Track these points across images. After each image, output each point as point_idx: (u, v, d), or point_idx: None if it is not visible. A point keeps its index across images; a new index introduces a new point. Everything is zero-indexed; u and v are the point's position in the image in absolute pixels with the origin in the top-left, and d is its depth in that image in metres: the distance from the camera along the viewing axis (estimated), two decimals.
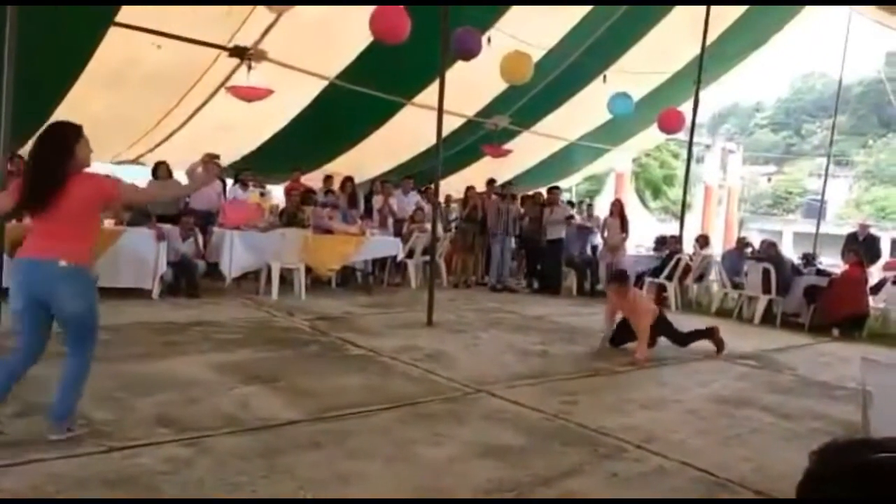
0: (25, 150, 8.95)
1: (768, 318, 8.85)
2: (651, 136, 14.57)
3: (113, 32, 7.25)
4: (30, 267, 3.06)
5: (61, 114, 8.41)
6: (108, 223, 7.28)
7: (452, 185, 11.89)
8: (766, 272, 8.87)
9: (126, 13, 7.05)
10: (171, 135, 9.92)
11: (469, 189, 11.14)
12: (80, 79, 7.91)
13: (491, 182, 10.94)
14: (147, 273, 7.26)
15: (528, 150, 12.83)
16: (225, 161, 9.78)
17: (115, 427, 3.35)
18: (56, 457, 2.94)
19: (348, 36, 8.22)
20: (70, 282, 3.03)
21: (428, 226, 9.35)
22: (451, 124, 10.04)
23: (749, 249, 10.26)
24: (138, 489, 2.75)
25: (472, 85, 9.39)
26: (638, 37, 10.43)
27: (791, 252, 15.08)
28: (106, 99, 8.33)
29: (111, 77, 7.94)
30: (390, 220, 10.69)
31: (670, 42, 10.42)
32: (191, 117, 9.52)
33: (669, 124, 10.38)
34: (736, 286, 9.55)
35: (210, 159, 10.08)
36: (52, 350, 3.21)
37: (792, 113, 44.33)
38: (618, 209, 10.67)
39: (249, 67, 8.23)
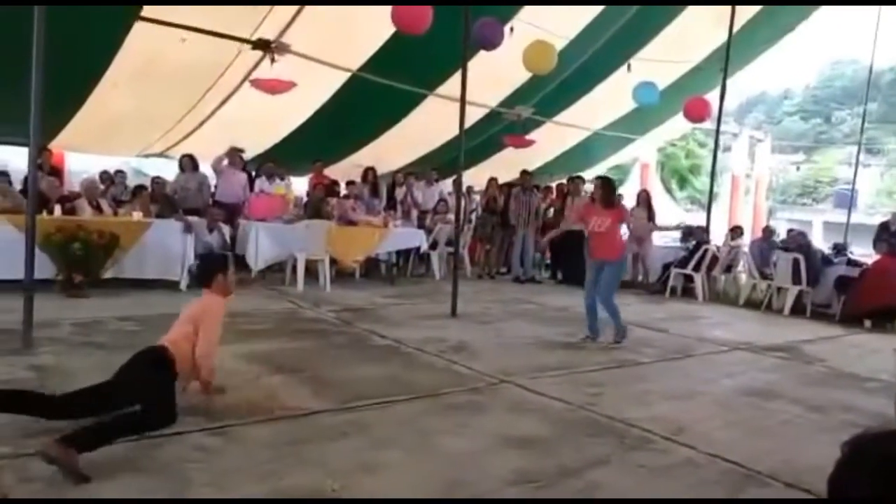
0: (55, 144, 9.17)
1: (798, 310, 8.72)
2: (677, 126, 14.40)
3: (138, 28, 7.33)
4: None
5: (89, 108, 8.59)
6: (137, 215, 7.39)
7: (474, 177, 11.87)
8: (795, 262, 8.73)
9: (151, 8, 7.12)
10: (196, 128, 10.02)
11: (491, 180, 11.11)
12: (106, 74, 8.01)
13: (525, 173, 10.84)
14: (175, 264, 7.36)
15: (552, 140, 12.74)
16: (249, 154, 9.90)
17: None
18: None
19: (370, 28, 8.22)
20: None
21: (451, 217, 9.35)
22: (474, 115, 10.00)
23: (777, 238, 10.10)
24: (168, 477, 2.79)
25: (494, 75, 9.34)
26: (663, 25, 10.28)
27: (821, 242, 14.81)
28: (132, 93, 8.44)
29: (137, 72, 8.04)
30: (414, 212, 10.71)
31: (696, 29, 10.27)
32: (215, 111, 9.61)
33: (695, 113, 10.24)
34: (765, 277, 9.41)
35: (235, 152, 10.28)
36: None
37: (821, 100, 43.43)
38: (644, 199, 10.55)
39: (273, 60, 8.26)
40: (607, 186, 6.26)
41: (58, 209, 7.06)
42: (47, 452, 2.65)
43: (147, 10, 7.12)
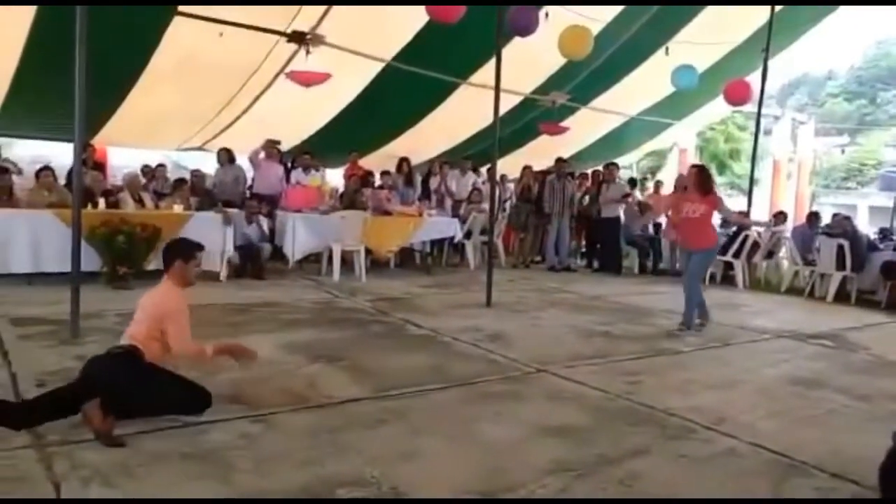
0: (97, 139, 9.39)
1: (842, 297, 8.51)
2: (716, 109, 14.09)
3: (176, 24, 7.45)
4: None
5: (130, 104, 8.78)
6: (178, 208, 7.53)
7: (508, 165, 11.81)
8: (839, 248, 8.51)
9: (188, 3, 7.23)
10: (233, 121, 10.16)
11: (525, 168, 11.03)
12: (146, 70, 8.17)
13: (559, 160, 10.74)
14: (214, 256, 7.49)
15: (587, 126, 12.59)
16: (285, 146, 10.01)
17: None
18: (135, 432, 3.07)
19: (404, 17, 8.20)
20: None
21: (485, 206, 9.33)
22: (508, 103, 9.93)
23: (821, 224, 9.85)
24: (212, 463, 2.86)
25: (529, 62, 9.24)
26: (701, 6, 10.04)
27: (867, 227, 14.38)
28: (172, 89, 8.59)
29: (176, 67, 8.17)
30: (448, 201, 10.71)
31: (736, 10, 10.01)
32: (252, 104, 9.72)
33: (736, 96, 9.99)
34: (808, 263, 9.19)
35: (271, 145, 10.41)
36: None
37: (866, 81, 42.07)
38: (683, 184, 10.36)
39: (307, 52, 8.32)
40: (703, 173, 6.27)
41: (102, 203, 7.24)
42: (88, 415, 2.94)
43: (185, 6, 7.23)
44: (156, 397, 3.26)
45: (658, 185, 13.01)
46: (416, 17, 7.86)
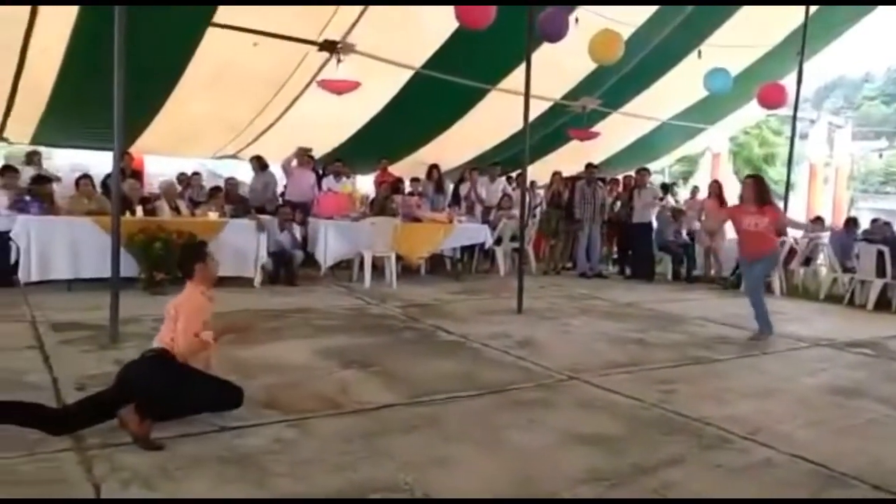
0: (134, 148, 9.60)
1: (882, 304, 8.27)
2: (750, 113, 13.87)
3: (210, 34, 7.59)
4: None
5: (166, 114, 8.96)
6: (213, 215, 7.66)
7: (538, 171, 11.77)
8: (880, 254, 8.29)
9: (222, 14, 7.37)
10: (266, 129, 10.31)
11: (555, 174, 10.99)
12: (182, 80, 8.34)
13: (590, 166, 10.68)
14: (249, 262, 7.60)
15: (618, 131, 12.50)
16: (316, 153, 10.12)
17: None
18: (173, 436, 3.13)
19: (434, 24, 8.25)
20: None
21: (515, 212, 9.31)
22: (538, 108, 9.91)
23: (859, 229, 9.63)
24: (248, 467, 2.90)
25: (558, 67, 9.21)
26: (735, 8, 9.91)
27: None
28: (206, 98, 8.76)
29: (210, 77, 8.33)
30: (478, 208, 10.71)
31: (770, 12, 9.85)
32: (285, 112, 9.86)
33: (770, 99, 9.81)
34: (847, 270, 8.99)
35: (303, 153, 10.54)
36: None
37: None
38: (716, 191, 10.23)
39: (339, 61, 8.41)
40: (761, 184, 6.25)
41: (139, 210, 7.40)
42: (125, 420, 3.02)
43: (219, 17, 7.37)
44: (189, 397, 3.32)
45: (695, 190, 12.85)
46: (446, 25, 7.90)
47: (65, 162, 10.99)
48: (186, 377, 3.35)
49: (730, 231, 10.21)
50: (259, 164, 9.67)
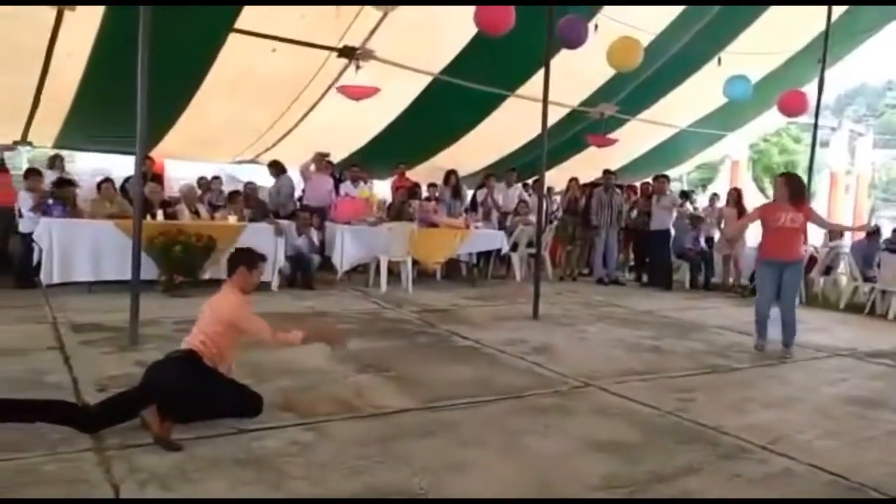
0: (155, 152, 9.71)
1: None
2: (770, 120, 13.75)
3: (231, 41, 7.67)
4: None
5: (186, 119, 9.06)
6: (232, 219, 7.73)
7: (555, 178, 11.74)
8: None
9: (243, 20, 7.45)
10: (285, 135, 10.39)
11: (571, 181, 10.96)
12: (202, 86, 8.43)
13: (607, 172, 10.64)
14: (266, 266, 7.62)
15: (636, 138, 12.44)
16: (335, 158, 10.18)
17: None
18: (191, 437, 3.16)
19: (452, 29, 8.28)
20: None
21: (532, 218, 9.29)
22: (555, 115, 9.90)
23: (882, 238, 9.50)
24: (265, 470, 2.92)
25: (577, 73, 9.20)
26: (755, 15, 9.84)
27: None
28: (226, 103, 8.84)
29: (231, 83, 8.42)
30: (494, 214, 10.72)
31: (791, 19, 9.77)
32: (303, 117, 9.93)
33: (791, 107, 9.72)
34: (868, 279, 8.87)
35: (321, 158, 10.61)
36: None
37: None
38: (735, 198, 10.15)
39: (357, 67, 8.46)
40: (797, 181, 5.95)
41: (160, 214, 7.49)
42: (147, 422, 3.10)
43: (240, 23, 7.45)
44: (211, 399, 3.36)
45: (713, 198, 12.74)
46: (464, 31, 7.93)
47: (87, 166, 11.15)
48: (210, 380, 3.40)
49: (750, 238, 10.14)
50: (274, 169, 9.78)
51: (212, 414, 3.36)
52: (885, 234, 10.08)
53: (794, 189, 5.81)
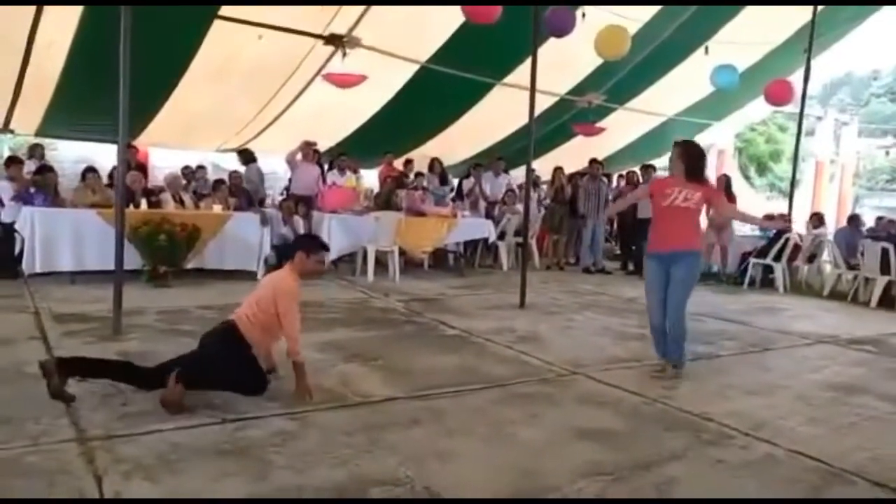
0: (139, 141, 9.62)
1: (886, 301, 8.26)
2: (757, 109, 13.83)
3: (216, 28, 7.59)
4: None
5: (171, 106, 8.97)
6: (217, 208, 7.67)
7: (541, 167, 11.73)
8: (884, 252, 8.27)
9: (228, 7, 7.36)
10: (271, 123, 10.31)
11: (556, 170, 10.96)
12: (187, 74, 8.34)
13: (593, 161, 10.63)
14: (252, 255, 7.61)
15: (623, 127, 12.47)
16: (321, 147, 10.12)
17: (226, 399, 3.54)
18: (174, 427, 3.14)
19: (440, 18, 8.24)
20: None
21: (519, 207, 9.29)
22: (543, 103, 9.89)
23: (863, 226, 9.60)
24: (250, 459, 2.90)
25: (564, 62, 9.20)
26: (741, 6, 9.86)
27: None
28: (211, 91, 8.76)
29: (215, 71, 8.34)
30: (482, 203, 10.71)
31: (777, 8, 9.81)
32: (289, 105, 9.86)
33: (777, 96, 9.78)
34: (851, 267, 8.96)
35: (308, 146, 10.55)
36: None
37: None
38: (723, 185, 10.18)
39: (344, 54, 8.41)
40: (694, 151, 4.55)
41: (144, 203, 7.41)
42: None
43: (225, 10, 7.37)
44: (218, 367, 3.49)
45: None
46: (452, 19, 7.89)
47: (70, 154, 11.02)
48: (230, 349, 3.54)
49: (738, 227, 10.19)
50: (242, 157, 9.77)
51: (214, 383, 3.49)
52: (867, 222, 10.20)
53: (691, 163, 4.44)
